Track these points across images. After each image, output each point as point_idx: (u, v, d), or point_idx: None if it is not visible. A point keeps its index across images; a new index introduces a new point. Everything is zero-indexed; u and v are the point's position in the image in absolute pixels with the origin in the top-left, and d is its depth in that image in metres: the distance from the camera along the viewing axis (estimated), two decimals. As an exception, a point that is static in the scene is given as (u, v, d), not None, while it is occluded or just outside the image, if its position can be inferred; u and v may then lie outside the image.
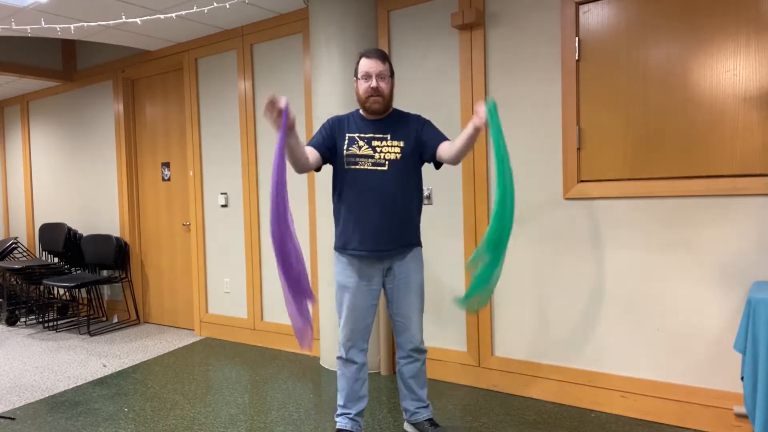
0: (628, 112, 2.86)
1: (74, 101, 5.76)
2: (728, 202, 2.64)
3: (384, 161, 2.50)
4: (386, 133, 2.53)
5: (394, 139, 2.52)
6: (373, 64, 2.48)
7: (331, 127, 2.58)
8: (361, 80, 2.50)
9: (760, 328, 2.15)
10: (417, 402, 2.70)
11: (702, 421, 2.72)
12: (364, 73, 2.49)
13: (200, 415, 3.10)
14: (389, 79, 2.53)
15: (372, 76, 2.47)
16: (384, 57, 2.52)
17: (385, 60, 2.52)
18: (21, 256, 6.11)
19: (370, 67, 2.48)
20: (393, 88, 2.56)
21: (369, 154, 2.50)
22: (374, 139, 2.51)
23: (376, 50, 2.55)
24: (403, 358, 2.67)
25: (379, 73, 2.47)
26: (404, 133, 2.53)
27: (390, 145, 2.51)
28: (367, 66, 2.48)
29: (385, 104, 2.53)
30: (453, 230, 3.44)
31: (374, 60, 2.48)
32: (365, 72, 2.48)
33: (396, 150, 2.51)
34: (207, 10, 3.73)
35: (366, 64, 2.49)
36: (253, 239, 4.42)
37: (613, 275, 2.95)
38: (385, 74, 2.50)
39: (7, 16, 3.86)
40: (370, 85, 2.47)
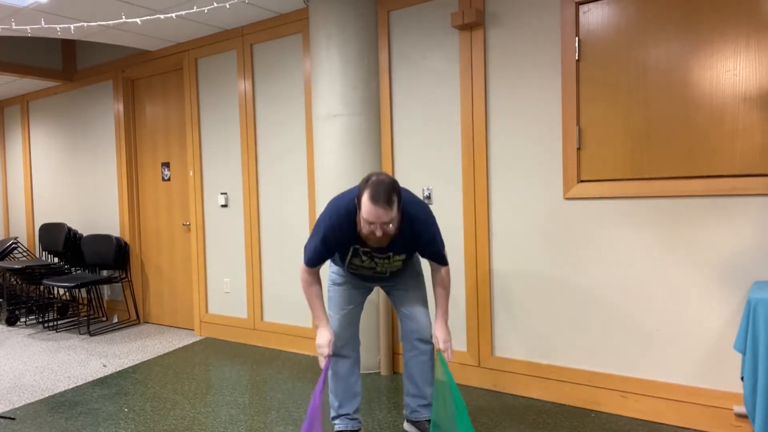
0: (628, 112, 2.86)
1: (74, 101, 5.76)
2: (728, 202, 2.64)
3: (386, 272, 2.54)
4: (389, 251, 2.45)
5: (397, 254, 2.47)
6: (380, 213, 2.19)
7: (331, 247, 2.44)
8: (364, 222, 2.25)
9: (760, 328, 2.15)
10: (420, 399, 2.70)
11: (702, 421, 2.72)
12: (368, 221, 2.23)
13: (200, 415, 3.10)
14: (396, 221, 2.26)
15: (377, 225, 2.22)
16: (391, 200, 2.20)
17: (392, 202, 2.21)
18: (21, 256, 6.11)
19: (375, 218, 2.20)
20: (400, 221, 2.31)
21: (371, 266, 2.51)
22: (376, 257, 2.47)
23: (383, 193, 2.19)
24: (409, 351, 2.67)
25: (384, 222, 2.21)
26: (406, 247, 2.47)
27: (392, 261, 2.49)
28: (372, 216, 2.20)
29: (388, 240, 2.32)
30: (453, 230, 3.44)
31: (381, 210, 2.18)
32: (369, 220, 2.22)
33: (398, 263, 2.52)
34: (207, 10, 3.73)
35: (370, 213, 2.20)
36: (253, 239, 4.42)
37: (613, 275, 2.94)
38: (391, 220, 2.23)
39: (7, 16, 3.86)
40: (373, 231, 2.24)
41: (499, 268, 3.30)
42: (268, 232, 4.36)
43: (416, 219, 2.40)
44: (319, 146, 3.68)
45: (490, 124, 3.29)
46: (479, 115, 3.30)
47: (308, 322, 4.16)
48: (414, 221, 2.39)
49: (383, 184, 2.21)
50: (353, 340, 2.66)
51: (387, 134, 3.66)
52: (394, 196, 2.22)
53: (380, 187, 2.20)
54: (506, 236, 3.26)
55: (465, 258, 3.39)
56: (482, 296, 3.34)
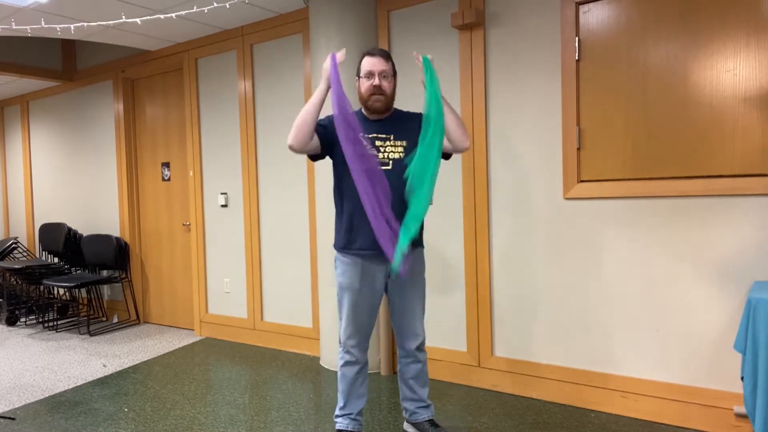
0: (628, 112, 2.86)
1: (74, 101, 5.76)
2: (728, 202, 2.64)
3: (388, 160, 2.49)
4: (389, 133, 2.52)
5: (397, 139, 2.51)
6: (377, 62, 2.48)
7: (331, 122, 2.48)
8: (364, 79, 2.49)
9: (760, 328, 2.15)
10: (417, 402, 2.70)
11: (702, 421, 2.72)
12: (366, 72, 2.48)
13: (200, 415, 3.10)
14: (392, 78, 2.52)
15: (375, 75, 2.46)
16: (387, 56, 2.52)
17: (389, 59, 2.52)
18: (21, 256, 6.10)
19: (373, 66, 2.47)
20: (395, 87, 2.56)
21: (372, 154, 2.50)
22: (377, 139, 2.50)
23: (380, 49, 2.55)
24: (404, 358, 2.67)
25: (381, 72, 2.47)
26: (406, 133, 2.52)
27: (393, 145, 2.50)
28: (370, 64, 2.48)
29: (387, 103, 2.52)
30: (453, 229, 3.44)
31: (378, 58, 2.48)
32: (368, 70, 2.48)
33: (399, 150, 2.50)
34: (207, 10, 3.73)
35: (369, 63, 2.48)
36: (253, 239, 4.42)
37: (613, 275, 2.95)
38: (388, 73, 2.49)
39: (7, 16, 3.86)
40: (372, 83, 2.46)
41: (499, 268, 3.30)
42: (268, 232, 4.36)
43: (410, 112, 2.64)
44: (319, 146, 3.68)
45: (490, 124, 3.29)
46: (479, 115, 3.30)
47: (308, 322, 4.16)
48: (409, 112, 2.64)
49: (378, 47, 2.53)
50: (363, 343, 2.62)
51: (387, 134, 3.66)
52: (388, 54, 2.53)
53: (376, 47, 2.56)
54: (506, 236, 3.26)
55: (465, 257, 3.39)
56: (482, 296, 3.34)
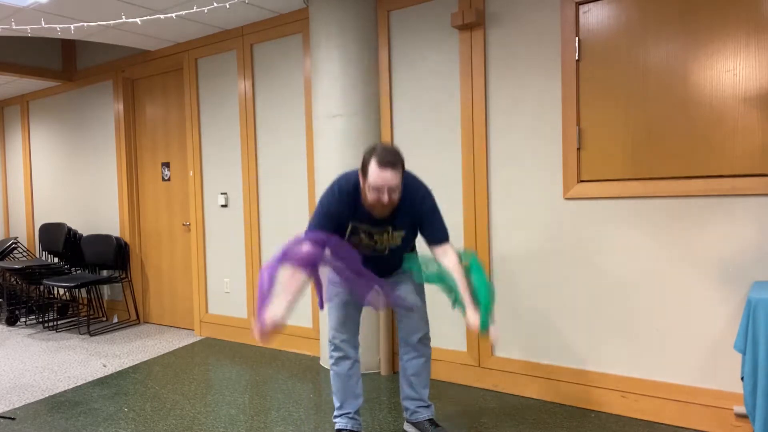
0: (628, 112, 2.86)
1: (74, 101, 5.76)
2: (728, 202, 2.64)
3: (384, 248, 2.50)
4: (388, 225, 2.43)
5: (396, 230, 2.46)
6: (388, 177, 2.22)
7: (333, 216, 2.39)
8: (372, 190, 2.26)
9: (760, 328, 2.15)
10: (418, 401, 2.70)
11: (702, 421, 2.72)
12: (376, 186, 2.24)
13: (200, 415, 3.10)
14: (401, 185, 2.29)
15: (384, 191, 2.24)
16: (397, 164, 2.25)
17: (400, 168, 2.26)
18: (21, 256, 6.10)
19: (384, 182, 2.22)
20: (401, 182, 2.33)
21: (370, 245, 2.49)
22: (375, 233, 2.45)
23: (391, 157, 2.24)
24: (406, 353, 2.67)
25: (391, 188, 2.24)
26: (406, 221, 2.45)
27: (391, 237, 2.47)
28: (380, 179, 2.22)
29: (393, 209, 2.36)
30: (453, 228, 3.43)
31: (389, 173, 2.22)
32: (377, 186, 2.24)
33: (397, 240, 2.49)
34: (207, 10, 3.73)
35: (379, 177, 2.22)
36: (253, 239, 4.42)
37: (613, 275, 2.94)
38: (398, 186, 2.26)
39: (7, 16, 3.86)
40: (380, 198, 2.26)
41: (499, 268, 3.30)
42: (268, 232, 4.36)
43: (416, 191, 2.43)
44: (319, 146, 3.68)
45: (490, 124, 3.29)
46: (479, 115, 3.30)
47: (308, 322, 4.17)
48: (414, 193, 2.42)
49: (390, 150, 2.28)
50: (353, 339, 2.65)
51: (387, 134, 3.66)
52: (400, 161, 2.29)
53: (387, 152, 2.26)
54: (506, 236, 3.26)
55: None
56: (482, 296, 3.34)
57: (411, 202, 2.41)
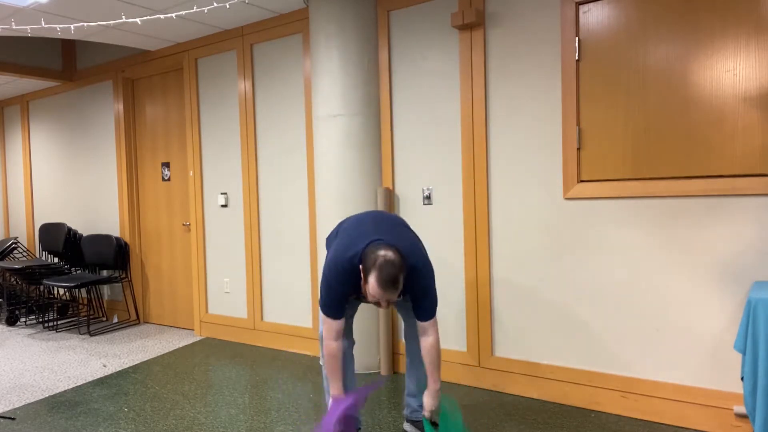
0: (628, 112, 2.86)
1: (74, 101, 5.76)
2: (728, 202, 2.64)
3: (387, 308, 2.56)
4: None
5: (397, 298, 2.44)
6: (387, 295, 2.23)
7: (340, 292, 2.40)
8: (370, 295, 2.26)
9: (760, 328, 2.15)
10: (420, 399, 2.69)
11: (702, 421, 2.72)
12: (374, 296, 2.25)
13: (200, 415, 3.10)
14: None
15: (383, 301, 2.28)
16: (398, 282, 2.21)
17: (399, 287, 2.23)
18: (21, 256, 6.11)
19: (381, 297, 2.24)
20: None
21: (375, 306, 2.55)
22: None
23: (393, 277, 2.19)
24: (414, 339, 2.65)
25: (390, 300, 2.27)
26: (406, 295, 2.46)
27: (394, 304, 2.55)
28: (378, 295, 2.23)
29: None
30: (453, 228, 3.44)
31: (388, 293, 2.22)
32: (375, 296, 2.24)
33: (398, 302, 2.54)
34: (207, 10, 3.73)
35: (377, 293, 2.22)
36: (253, 239, 4.42)
37: (613, 275, 2.94)
38: (397, 295, 2.27)
39: (7, 16, 3.86)
40: (378, 302, 2.30)
41: (499, 268, 3.30)
42: (268, 232, 4.36)
43: (415, 270, 2.38)
44: (319, 146, 3.68)
45: (490, 124, 3.29)
46: (479, 115, 3.30)
47: (308, 322, 4.17)
48: (417, 274, 2.38)
49: (391, 270, 2.19)
50: (346, 333, 2.62)
51: (387, 134, 3.66)
52: (401, 278, 2.21)
53: (389, 271, 2.18)
54: (506, 236, 3.26)
55: (465, 258, 3.39)
56: (482, 296, 3.34)
57: (413, 282, 2.39)
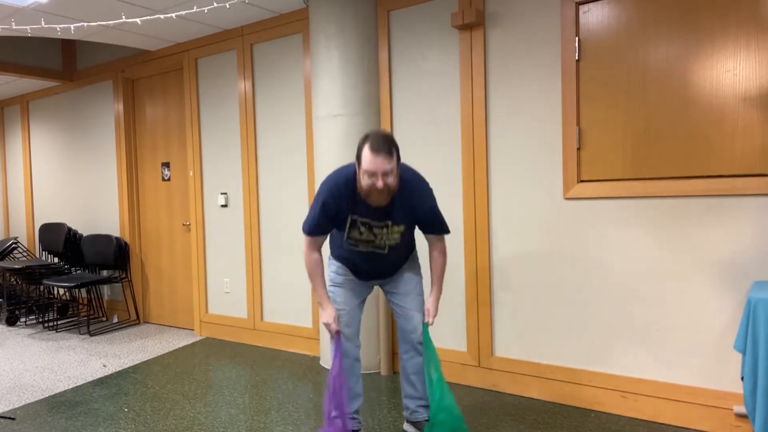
0: (628, 112, 2.86)
1: (74, 101, 5.76)
2: (728, 202, 2.64)
3: (384, 246, 2.50)
4: (387, 219, 2.42)
5: (396, 224, 2.45)
6: (381, 162, 2.22)
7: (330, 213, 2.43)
8: (364, 175, 2.26)
9: (760, 328, 2.15)
10: (418, 400, 2.70)
11: (702, 421, 2.72)
12: (369, 171, 2.24)
13: (200, 415, 3.10)
14: (396, 170, 2.29)
15: (378, 176, 2.24)
16: (391, 150, 2.25)
17: (393, 153, 2.26)
18: (21, 256, 6.10)
19: (377, 167, 2.22)
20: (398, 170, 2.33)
21: (369, 239, 2.48)
22: (375, 226, 2.44)
23: (383, 143, 2.24)
24: (406, 353, 2.67)
25: (385, 172, 2.23)
26: (405, 217, 2.44)
27: (390, 231, 2.46)
28: (373, 165, 2.22)
29: (390, 196, 2.34)
30: (453, 229, 3.43)
31: (381, 157, 2.22)
32: (370, 171, 2.24)
33: (396, 236, 2.48)
34: (207, 10, 3.73)
35: (372, 162, 2.22)
36: (253, 239, 4.42)
37: (613, 275, 2.94)
38: (392, 170, 2.25)
39: (7, 16, 3.86)
40: (374, 183, 2.25)
41: (499, 268, 3.30)
42: (268, 232, 4.36)
43: (414, 186, 2.43)
44: (319, 146, 3.69)
45: (490, 124, 3.29)
46: (479, 115, 3.30)
47: (308, 322, 4.17)
48: (413, 189, 2.42)
49: (382, 136, 2.28)
50: (354, 339, 2.65)
51: (387, 134, 3.66)
52: (393, 146, 2.28)
53: (379, 138, 2.27)
54: (506, 236, 3.26)
55: (465, 258, 3.39)
56: (482, 296, 3.34)
57: (410, 200, 2.41)
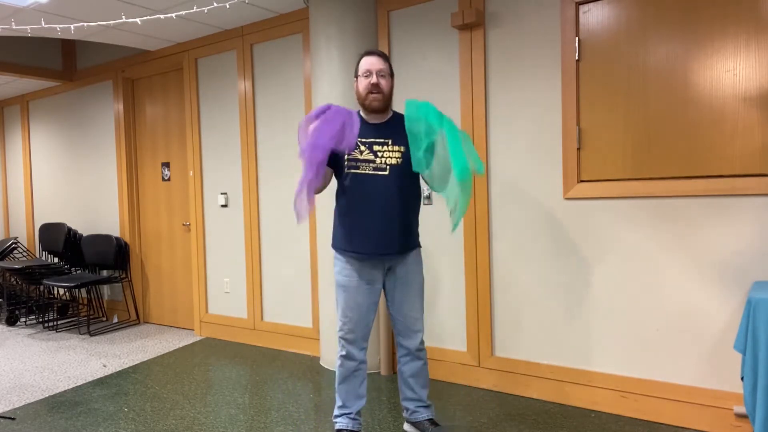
0: (628, 112, 2.86)
1: (74, 101, 5.76)
2: (728, 202, 2.64)
3: (385, 166, 2.49)
4: (387, 137, 2.52)
5: (395, 144, 2.51)
6: (374, 61, 2.53)
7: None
8: (362, 77, 2.54)
9: (760, 328, 2.15)
10: (417, 402, 2.70)
11: (702, 421, 2.72)
12: (365, 71, 2.52)
13: (200, 415, 3.10)
14: (389, 78, 2.57)
15: (372, 73, 2.50)
16: (385, 56, 2.59)
17: (386, 59, 2.58)
18: (21, 256, 6.11)
19: (371, 65, 2.52)
20: (393, 88, 2.60)
21: (370, 159, 2.49)
22: (375, 144, 2.50)
23: (377, 50, 2.64)
24: (404, 356, 2.67)
25: (379, 71, 2.51)
26: (405, 138, 2.48)
27: (391, 150, 2.50)
28: (368, 63, 2.53)
29: (385, 103, 2.55)
30: (453, 230, 3.44)
31: (375, 57, 2.55)
32: (366, 69, 2.52)
33: (397, 155, 2.50)
34: (207, 10, 3.73)
35: (367, 62, 2.54)
36: (253, 239, 4.42)
37: (613, 275, 2.95)
38: (385, 72, 2.54)
39: (7, 16, 3.86)
40: (370, 81, 2.50)
41: (499, 268, 3.30)
42: (268, 232, 4.36)
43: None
44: (319, 146, 3.68)
45: (489, 123, 3.29)
46: (479, 115, 3.30)
47: (308, 322, 4.17)
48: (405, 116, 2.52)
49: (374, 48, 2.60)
50: (360, 342, 2.62)
51: (387, 134, 3.66)
52: (385, 54, 2.61)
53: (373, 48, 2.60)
54: (506, 236, 3.26)
55: (465, 258, 3.39)
56: (482, 296, 3.34)
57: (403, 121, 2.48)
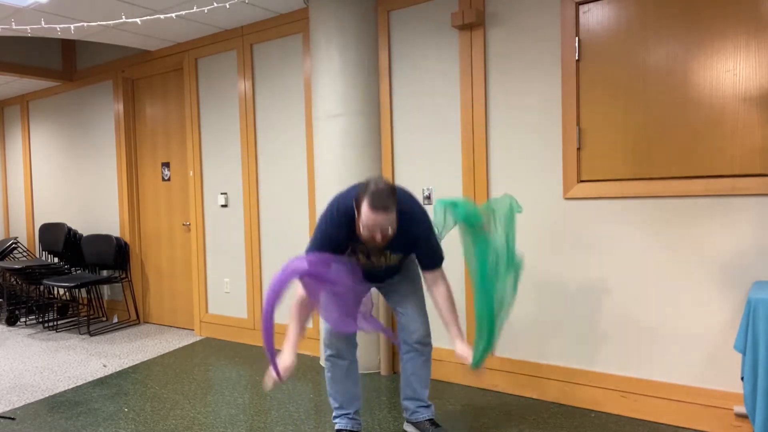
0: (628, 112, 2.86)
1: (74, 101, 5.75)
2: (728, 202, 2.64)
3: (382, 267, 2.54)
4: (385, 250, 2.45)
5: (393, 253, 2.49)
6: (380, 219, 2.22)
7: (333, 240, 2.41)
8: (364, 228, 2.27)
9: (760, 328, 2.15)
10: (417, 401, 2.70)
11: (702, 421, 2.72)
12: (367, 227, 2.26)
13: (200, 415, 3.10)
14: (395, 220, 2.29)
15: (377, 230, 2.26)
16: (390, 207, 2.24)
17: (391, 209, 2.25)
18: (21, 256, 6.10)
19: (375, 224, 2.23)
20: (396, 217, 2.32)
21: (368, 264, 2.51)
22: (373, 255, 2.49)
23: (383, 199, 2.22)
24: (406, 353, 2.66)
25: (383, 228, 2.26)
26: (403, 244, 2.46)
27: (388, 259, 2.51)
28: (371, 222, 2.23)
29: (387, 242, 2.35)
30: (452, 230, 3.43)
31: (380, 215, 2.22)
32: (369, 227, 2.25)
33: (394, 261, 2.53)
34: (207, 10, 3.73)
35: (370, 220, 2.23)
36: (253, 239, 4.42)
37: (613, 275, 2.94)
38: (390, 224, 2.27)
39: (7, 16, 3.86)
40: (373, 237, 2.28)
41: (499, 268, 3.29)
42: (268, 232, 4.36)
43: (414, 219, 2.44)
44: (319, 146, 3.68)
45: (489, 123, 3.29)
46: (479, 115, 3.30)
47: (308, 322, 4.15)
48: (410, 219, 2.41)
49: (382, 192, 2.24)
50: (350, 342, 2.64)
51: (387, 134, 3.66)
52: (392, 202, 2.25)
53: (379, 195, 2.23)
54: (506, 236, 3.26)
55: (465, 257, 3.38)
56: (482, 296, 3.34)
57: (407, 227, 2.39)
